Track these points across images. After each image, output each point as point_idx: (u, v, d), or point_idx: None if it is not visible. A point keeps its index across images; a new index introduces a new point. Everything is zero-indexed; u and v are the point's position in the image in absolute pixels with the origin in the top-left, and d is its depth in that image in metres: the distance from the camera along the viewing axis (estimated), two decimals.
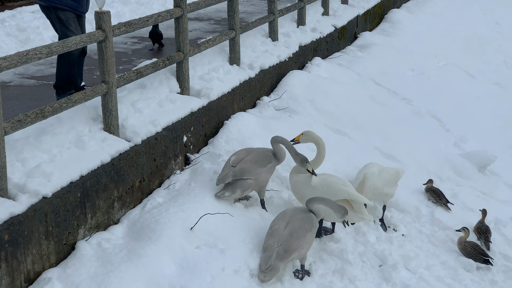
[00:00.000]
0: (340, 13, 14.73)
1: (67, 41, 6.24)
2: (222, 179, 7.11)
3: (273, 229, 6.45)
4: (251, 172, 7.12)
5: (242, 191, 7.13)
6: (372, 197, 7.91)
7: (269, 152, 7.38)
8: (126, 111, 7.34)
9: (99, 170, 6.40)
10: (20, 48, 10.75)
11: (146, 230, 6.43)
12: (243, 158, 7.24)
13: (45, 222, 5.68)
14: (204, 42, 9.05)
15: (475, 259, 7.70)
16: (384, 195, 7.92)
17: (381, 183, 7.86)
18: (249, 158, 7.24)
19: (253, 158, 7.24)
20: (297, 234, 6.33)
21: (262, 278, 6.23)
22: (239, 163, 7.19)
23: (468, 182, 9.71)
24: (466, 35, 19.13)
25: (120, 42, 11.83)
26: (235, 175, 7.08)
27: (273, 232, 6.42)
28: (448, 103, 13.23)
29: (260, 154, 7.33)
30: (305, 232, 6.39)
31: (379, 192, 7.86)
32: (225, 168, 7.23)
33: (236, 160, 7.24)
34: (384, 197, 7.96)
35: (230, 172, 7.11)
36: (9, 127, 5.52)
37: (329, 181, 7.11)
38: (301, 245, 6.35)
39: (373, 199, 7.99)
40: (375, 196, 7.92)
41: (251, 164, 7.17)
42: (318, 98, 10.59)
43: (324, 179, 7.14)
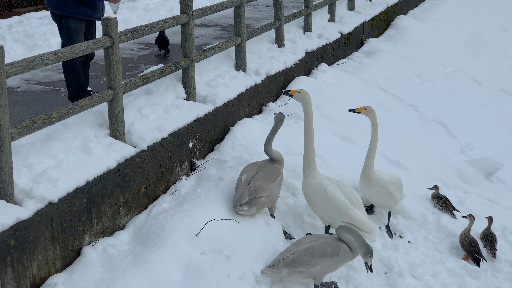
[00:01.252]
0: (347, 20, 14.74)
1: (74, 47, 6.27)
2: (238, 200, 7.02)
3: None
4: (264, 189, 7.11)
5: (257, 209, 7.12)
6: (378, 197, 7.88)
7: (276, 164, 7.40)
8: (132, 117, 7.36)
9: (105, 176, 6.41)
10: (27, 54, 10.80)
11: (151, 236, 6.44)
12: (254, 176, 7.20)
13: (51, 227, 5.70)
14: (210, 48, 9.06)
15: (468, 255, 7.79)
16: (388, 193, 7.86)
17: (388, 180, 7.88)
18: (260, 175, 7.19)
19: (264, 174, 7.21)
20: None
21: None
22: (251, 181, 7.15)
23: (475, 189, 9.69)
24: (473, 42, 19.12)
25: (127, 48, 11.87)
26: (250, 194, 7.04)
27: None
28: (455, 110, 13.22)
29: (269, 168, 7.31)
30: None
31: (384, 188, 7.80)
32: (239, 188, 7.15)
33: (247, 178, 7.17)
34: (389, 197, 7.89)
35: (245, 191, 7.05)
36: (16, 133, 5.54)
37: (337, 202, 7.08)
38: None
39: (380, 201, 7.94)
40: (380, 196, 7.87)
41: (264, 180, 7.15)
42: (324, 105, 10.59)
43: (333, 198, 7.08)
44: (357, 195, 7.30)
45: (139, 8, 14.89)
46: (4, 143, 5.36)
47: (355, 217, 7.02)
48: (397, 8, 19.23)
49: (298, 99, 7.55)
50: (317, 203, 7.17)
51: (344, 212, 7.03)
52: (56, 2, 7.35)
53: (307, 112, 7.50)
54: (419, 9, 21.44)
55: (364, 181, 7.89)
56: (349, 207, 7.06)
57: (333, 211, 7.09)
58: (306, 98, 7.50)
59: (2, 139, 5.35)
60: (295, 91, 7.57)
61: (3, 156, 5.38)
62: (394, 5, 18.80)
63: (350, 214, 7.02)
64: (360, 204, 7.26)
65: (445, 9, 22.21)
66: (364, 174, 7.88)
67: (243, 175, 7.20)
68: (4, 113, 5.33)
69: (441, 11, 21.76)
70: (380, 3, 17.68)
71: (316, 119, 10.20)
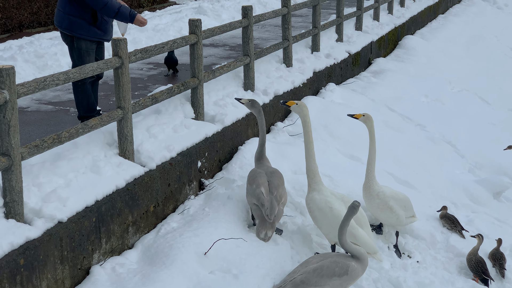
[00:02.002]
0: (354, 40, 14.82)
1: (84, 67, 6.33)
2: (271, 212, 7.00)
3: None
4: (284, 195, 7.24)
5: (278, 220, 7.18)
6: (377, 211, 7.86)
7: (275, 168, 7.49)
8: (141, 137, 7.40)
9: (114, 195, 6.44)
10: (38, 74, 10.88)
11: (160, 255, 6.45)
12: (270, 184, 7.21)
13: (60, 246, 5.72)
14: (218, 68, 9.13)
15: (476, 275, 7.77)
16: (388, 208, 7.84)
17: (390, 194, 7.85)
18: (276, 181, 7.25)
19: (278, 180, 7.29)
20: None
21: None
22: (274, 190, 7.16)
23: (483, 209, 9.67)
24: (481, 62, 19.15)
25: (136, 68, 11.96)
26: (278, 202, 7.10)
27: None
28: (463, 129, 13.22)
29: (276, 173, 7.40)
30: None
31: (383, 202, 7.79)
32: (266, 201, 7.05)
33: (266, 189, 7.14)
34: (389, 213, 7.84)
35: (273, 201, 7.07)
36: (26, 152, 5.58)
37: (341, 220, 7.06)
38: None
39: (380, 215, 7.91)
40: (380, 211, 7.84)
41: (282, 187, 7.27)
42: (332, 124, 10.62)
43: (339, 216, 7.01)
44: (363, 213, 7.29)
45: (149, 28, 15.01)
46: (14, 163, 5.41)
47: (359, 237, 6.97)
48: (405, 28, 19.31)
49: (296, 110, 7.61)
50: (322, 220, 7.15)
51: (348, 232, 6.99)
52: (68, 24, 7.42)
53: (305, 124, 7.54)
54: (426, 29, 21.52)
55: (365, 192, 7.92)
56: (354, 226, 7.03)
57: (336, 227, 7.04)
58: (304, 110, 7.55)
59: (13, 159, 5.39)
60: (293, 103, 7.61)
61: (13, 175, 5.43)
62: (402, 25, 18.89)
63: (354, 234, 6.97)
64: (366, 222, 7.23)
65: (452, 29, 22.29)
66: (365, 185, 7.91)
67: (261, 188, 7.10)
68: (15, 133, 5.38)
69: (449, 31, 21.84)
70: (387, 23, 17.77)
71: (323, 138, 10.24)
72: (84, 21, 7.40)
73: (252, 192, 7.17)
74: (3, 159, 5.34)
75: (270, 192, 7.14)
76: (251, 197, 7.19)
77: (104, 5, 7.29)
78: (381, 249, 7.76)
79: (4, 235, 5.27)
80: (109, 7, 7.31)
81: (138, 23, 7.62)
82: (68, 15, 7.39)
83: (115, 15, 7.39)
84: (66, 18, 7.40)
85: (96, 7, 7.33)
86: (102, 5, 7.29)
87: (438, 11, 24.89)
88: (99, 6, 7.30)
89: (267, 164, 7.60)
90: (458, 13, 26.07)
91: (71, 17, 7.38)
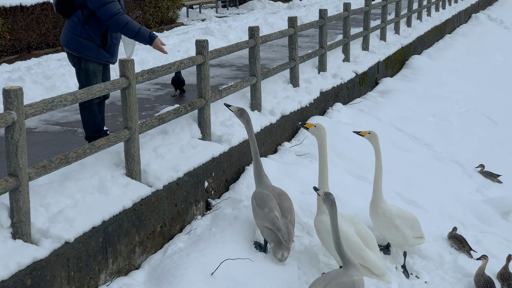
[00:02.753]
0: (361, 60, 14.86)
1: (91, 88, 6.37)
2: (290, 238, 7.02)
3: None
4: (294, 218, 7.30)
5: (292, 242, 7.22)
6: (382, 228, 7.83)
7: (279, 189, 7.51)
8: (148, 157, 7.42)
9: (121, 215, 6.45)
10: (45, 95, 10.94)
11: (166, 276, 6.44)
12: (281, 207, 7.19)
13: (67, 267, 5.72)
14: (225, 88, 9.16)
15: None
16: (393, 226, 7.80)
17: (396, 213, 7.83)
18: (287, 205, 7.25)
19: (289, 203, 7.31)
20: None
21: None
22: (287, 214, 7.16)
23: (491, 229, 9.61)
24: (488, 81, 19.15)
25: (144, 88, 12.01)
26: (292, 226, 7.13)
27: None
28: (470, 149, 13.19)
29: (284, 195, 7.40)
30: None
31: (388, 220, 7.75)
32: (282, 225, 7.03)
33: (279, 212, 7.12)
34: (395, 231, 7.81)
35: (290, 227, 7.09)
36: (33, 173, 5.61)
37: (350, 243, 7.01)
38: None
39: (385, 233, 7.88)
40: (385, 228, 7.81)
41: (293, 209, 7.31)
42: (339, 144, 10.62)
43: (347, 238, 7.00)
44: (371, 234, 7.26)
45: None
46: (22, 183, 5.43)
47: (368, 259, 6.95)
48: (411, 48, 19.36)
49: (314, 133, 7.62)
50: (330, 242, 7.12)
51: (356, 253, 6.96)
52: (76, 45, 7.44)
53: (321, 147, 7.54)
54: (433, 49, 21.57)
55: (371, 210, 7.91)
56: (363, 248, 7.00)
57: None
58: (322, 133, 7.57)
59: (20, 179, 5.41)
60: (311, 125, 7.63)
61: (21, 196, 5.45)
62: (409, 45, 18.94)
63: (363, 256, 6.94)
64: (374, 243, 7.21)
65: (459, 49, 22.34)
66: (371, 203, 7.90)
67: (275, 213, 7.06)
68: (23, 153, 5.41)
69: (456, 51, 21.88)
70: (394, 43, 17.83)
71: (331, 158, 10.22)
72: (94, 43, 7.42)
73: (264, 216, 7.13)
74: (11, 179, 5.36)
75: (283, 216, 7.13)
76: (262, 220, 7.16)
77: (125, 24, 7.30)
78: (389, 269, 7.72)
79: (11, 255, 5.28)
80: (130, 27, 7.32)
81: (157, 47, 7.56)
82: (78, 37, 7.40)
83: (135, 35, 7.40)
84: (76, 40, 7.42)
85: (116, 27, 7.33)
86: (123, 25, 7.29)
87: (445, 31, 24.96)
88: (120, 25, 7.30)
89: (268, 182, 7.57)
90: (465, 33, 26.14)
91: (81, 39, 7.41)
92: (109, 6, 7.22)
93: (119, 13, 7.27)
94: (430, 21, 23.01)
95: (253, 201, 7.35)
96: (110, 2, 7.23)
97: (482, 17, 31.08)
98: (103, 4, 7.21)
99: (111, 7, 7.23)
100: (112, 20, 7.27)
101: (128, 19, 7.34)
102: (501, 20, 30.79)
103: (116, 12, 7.25)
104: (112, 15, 7.24)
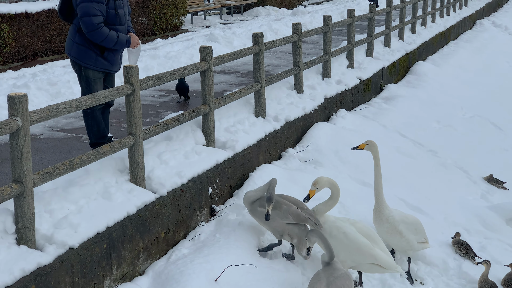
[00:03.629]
0: (365, 66, 14.87)
1: (96, 94, 6.39)
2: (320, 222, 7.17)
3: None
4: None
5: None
6: (386, 235, 7.83)
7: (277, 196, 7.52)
8: (152, 163, 7.44)
9: (125, 221, 6.46)
10: (50, 101, 10.97)
11: (170, 282, 6.44)
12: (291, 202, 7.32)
13: (71, 273, 5.73)
14: (229, 95, 9.18)
15: None
16: (397, 232, 7.80)
17: (400, 219, 7.83)
18: (293, 199, 7.40)
19: (293, 198, 7.45)
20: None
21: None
22: (300, 206, 7.28)
23: (496, 235, 9.59)
24: (493, 87, 19.13)
25: (148, 95, 12.04)
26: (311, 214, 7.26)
27: None
28: (475, 155, 13.17)
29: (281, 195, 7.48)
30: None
31: (392, 226, 7.76)
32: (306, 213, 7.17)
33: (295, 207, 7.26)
34: (399, 237, 7.80)
35: (312, 213, 7.22)
36: (38, 179, 5.63)
37: (359, 244, 7.03)
38: None
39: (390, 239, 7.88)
40: (389, 235, 7.82)
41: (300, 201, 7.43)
42: (343, 150, 10.62)
43: (355, 240, 7.03)
44: (372, 229, 7.29)
45: (160, 56, 15.14)
46: (26, 189, 5.45)
47: (379, 257, 6.97)
48: (416, 54, 19.36)
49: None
50: (338, 248, 7.07)
51: (368, 253, 6.96)
52: (76, 53, 7.51)
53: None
54: (438, 55, 21.57)
55: (374, 216, 7.90)
56: (371, 247, 7.02)
57: (357, 254, 7.00)
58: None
59: (25, 185, 5.44)
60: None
61: (25, 202, 5.47)
62: (413, 51, 18.95)
63: (374, 255, 6.95)
64: (378, 238, 7.22)
65: (464, 55, 22.34)
66: (375, 210, 7.90)
67: (294, 207, 7.22)
68: (27, 159, 5.43)
69: (460, 57, 21.88)
70: (398, 50, 17.84)
71: (335, 164, 10.25)
72: (92, 51, 7.46)
73: (283, 214, 7.18)
74: (16, 185, 5.38)
75: (300, 208, 7.27)
76: (282, 219, 7.19)
77: (104, 38, 7.36)
78: (393, 275, 7.70)
79: (16, 261, 5.30)
80: (109, 40, 7.38)
81: (134, 45, 7.71)
82: (77, 44, 7.48)
83: (114, 44, 7.48)
84: (75, 47, 7.49)
85: (95, 40, 7.39)
86: (101, 39, 7.35)
87: (449, 37, 24.96)
88: (98, 40, 7.37)
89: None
90: (470, 39, 26.14)
91: (80, 46, 7.47)
92: (91, 19, 7.26)
93: (99, 28, 7.30)
94: (435, 27, 23.02)
95: (256, 207, 7.35)
96: (92, 15, 7.25)
97: (486, 23, 31.09)
98: (85, 15, 7.26)
99: (92, 20, 7.27)
100: (90, 34, 7.34)
101: (106, 33, 7.36)
102: (505, 26, 30.79)
103: (96, 27, 7.28)
104: (92, 29, 7.29)
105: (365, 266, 7.05)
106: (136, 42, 7.73)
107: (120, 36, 7.48)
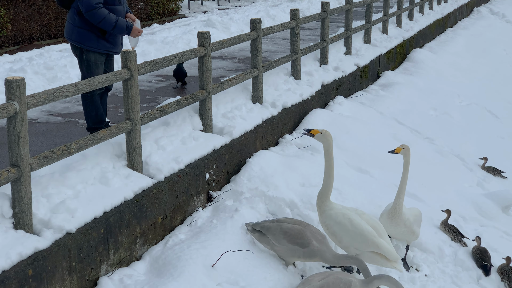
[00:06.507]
0: (363, 53, 14.85)
1: (93, 79, 6.37)
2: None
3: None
4: None
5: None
6: (400, 235, 7.87)
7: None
8: (150, 148, 7.43)
9: (122, 207, 6.46)
10: (47, 86, 10.94)
11: (167, 267, 6.45)
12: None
13: (68, 257, 5.74)
14: (227, 81, 9.16)
15: (476, 263, 8.03)
16: (411, 233, 7.85)
17: (413, 218, 7.86)
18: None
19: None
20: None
21: None
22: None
23: (492, 223, 9.63)
24: (490, 75, 19.13)
25: (145, 80, 12.01)
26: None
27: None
28: (472, 143, 13.19)
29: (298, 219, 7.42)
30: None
31: (409, 229, 7.79)
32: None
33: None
34: (411, 235, 7.88)
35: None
36: (35, 164, 5.61)
37: (363, 231, 7.01)
38: None
39: (400, 237, 7.94)
40: (403, 235, 7.87)
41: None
42: (340, 137, 10.62)
43: (359, 227, 7.01)
44: (378, 222, 7.29)
45: (158, 41, 15.09)
46: (24, 174, 5.44)
47: (382, 246, 6.97)
48: (413, 42, 19.34)
49: (320, 139, 7.40)
50: (342, 234, 7.06)
51: (371, 241, 6.96)
52: (77, 36, 7.50)
53: (328, 153, 7.37)
54: (435, 42, 21.55)
55: (391, 220, 7.76)
56: (375, 235, 7.02)
57: (360, 240, 7.00)
58: (329, 140, 7.37)
59: (22, 170, 5.42)
60: (317, 131, 7.41)
61: (22, 186, 5.46)
62: (410, 38, 18.92)
63: (377, 243, 6.95)
64: (383, 230, 7.22)
65: (461, 43, 22.32)
66: (392, 214, 7.74)
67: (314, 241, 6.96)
68: (24, 144, 5.42)
69: (457, 45, 21.86)
70: (396, 36, 17.81)
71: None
72: (93, 33, 7.47)
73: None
74: (13, 170, 5.37)
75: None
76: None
77: (101, 19, 7.36)
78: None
79: (13, 245, 5.29)
80: (107, 21, 7.39)
81: (135, 34, 7.70)
82: (78, 28, 7.47)
83: (112, 28, 7.46)
84: (76, 31, 7.49)
85: (93, 21, 7.39)
86: (99, 20, 7.36)
87: (446, 24, 24.93)
88: (96, 21, 7.38)
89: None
90: (467, 27, 26.11)
91: (81, 29, 7.46)
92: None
93: (97, 8, 7.32)
94: (432, 14, 22.99)
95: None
96: None
97: (484, 11, 31.05)
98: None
99: (90, 0, 7.28)
100: (89, 14, 7.36)
101: (105, 14, 7.37)
102: (503, 14, 30.75)
103: (93, 7, 7.31)
104: (90, 9, 7.32)
105: (367, 255, 7.04)
106: (138, 31, 7.69)
107: (120, 21, 7.45)
